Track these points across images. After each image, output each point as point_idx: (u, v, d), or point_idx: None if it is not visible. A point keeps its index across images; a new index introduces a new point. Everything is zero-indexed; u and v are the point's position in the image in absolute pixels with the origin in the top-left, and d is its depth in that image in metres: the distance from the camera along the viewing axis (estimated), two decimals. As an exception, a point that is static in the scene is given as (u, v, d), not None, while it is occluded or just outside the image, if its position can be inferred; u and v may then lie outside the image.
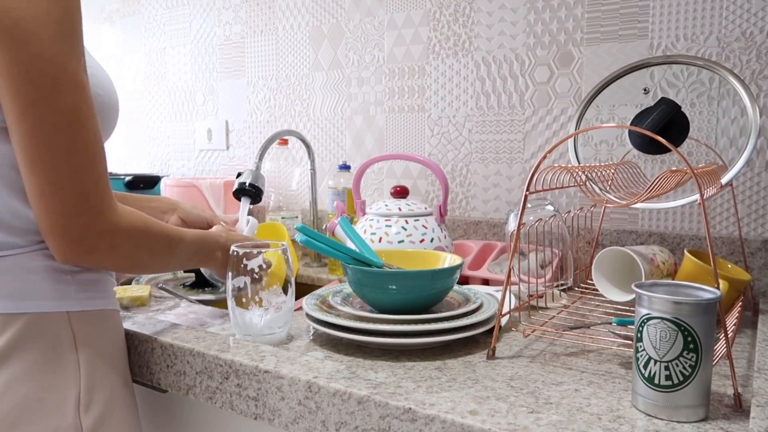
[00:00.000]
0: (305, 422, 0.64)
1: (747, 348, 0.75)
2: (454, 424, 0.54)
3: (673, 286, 0.59)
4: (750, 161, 1.01)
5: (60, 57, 0.57)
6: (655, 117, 0.91)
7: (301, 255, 1.47)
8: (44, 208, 0.60)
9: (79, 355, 0.65)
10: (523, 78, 1.23)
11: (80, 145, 0.60)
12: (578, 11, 1.15)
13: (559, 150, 1.19)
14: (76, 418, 0.63)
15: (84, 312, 0.67)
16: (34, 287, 0.64)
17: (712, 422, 0.54)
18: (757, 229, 1.02)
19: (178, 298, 1.00)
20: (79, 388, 0.64)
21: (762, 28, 0.99)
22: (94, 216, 0.62)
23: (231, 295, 0.77)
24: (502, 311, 0.71)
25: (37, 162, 0.58)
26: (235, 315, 0.77)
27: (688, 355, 0.54)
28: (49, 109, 0.57)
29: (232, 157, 1.73)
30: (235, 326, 0.78)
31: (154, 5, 1.87)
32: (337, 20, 1.48)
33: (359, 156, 1.48)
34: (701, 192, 0.62)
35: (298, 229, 0.76)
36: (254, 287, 0.76)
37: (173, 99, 1.86)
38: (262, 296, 0.76)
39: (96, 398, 0.65)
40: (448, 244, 1.05)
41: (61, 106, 0.58)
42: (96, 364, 0.67)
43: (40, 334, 0.63)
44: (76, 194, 0.60)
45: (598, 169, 0.79)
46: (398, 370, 0.67)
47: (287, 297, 0.77)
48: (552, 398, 0.59)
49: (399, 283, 0.73)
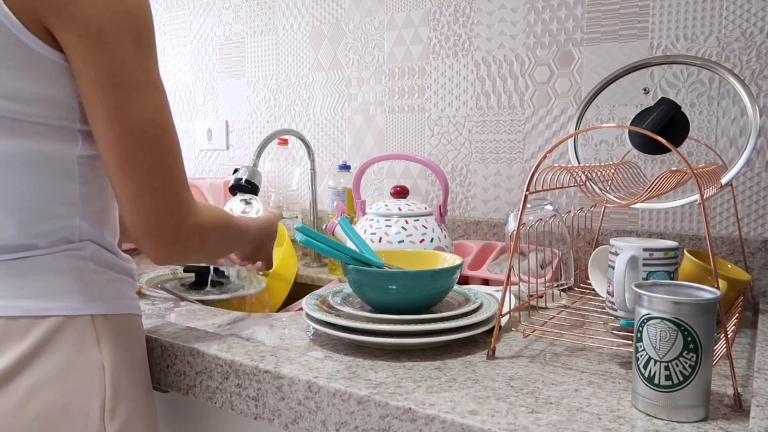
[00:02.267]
0: (305, 422, 0.64)
1: (747, 348, 0.75)
2: (454, 424, 0.54)
3: (673, 286, 0.59)
4: (750, 161, 1.01)
5: (141, 61, 0.59)
6: (655, 117, 0.91)
7: (301, 255, 1.47)
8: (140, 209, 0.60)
9: (104, 360, 0.64)
10: (523, 78, 1.23)
11: (166, 145, 0.61)
12: (578, 11, 1.15)
13: (559, 150, 1.19)
14: (101, 424, 0.62)
15: (108, 316, 0.66)
16: (59, 289, 0.63)
17: (712, 422, 0.54)
18: (757, 229, 1.02)
19: (178, 298, 1.00)
20: (104, 394, 0.63)
21: (762, 28, 0.99)
22: (185, 214, 0.63)
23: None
24: (502, 311, 0.71)
25: (130, 163, 0.59)
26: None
27: (688, 355, 0.54)
28: (136, 110, 0.59)
29: (232, 157, 1.73)
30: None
31: (154, 5, 1.87)
32: (337, 20, 1.48)
33: (359, 156, 1.48)
34: (701, 192, 0.62)
35: (298, 229, 0.76)
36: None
37: (173, 99, 1.86)
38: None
39: (121, 404, 0.64)
40: (448, 244, 1.05)
41: (146, 108, 0.60)
42: (121, 369, 0.65)
43: (65, 337, 0.61)
44: (169, 193, 0.62)
45: (598, 169, 0.79)
46: (398, 370, 0.67)
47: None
48: (552, 398, 0.59)
49: (399, 283, 0.73)
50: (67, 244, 0.64)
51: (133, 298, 0.71)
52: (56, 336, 0.61)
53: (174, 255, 0.64)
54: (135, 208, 0.61)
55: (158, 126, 0.61)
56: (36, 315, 0.60)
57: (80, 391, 0.61)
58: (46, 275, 0.62)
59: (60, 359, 0.61)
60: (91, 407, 0.61)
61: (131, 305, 0.70)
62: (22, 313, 0.60)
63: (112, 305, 0.66)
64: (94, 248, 0.66)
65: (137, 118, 0.59)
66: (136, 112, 0.59)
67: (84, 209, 0.65)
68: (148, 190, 0.60)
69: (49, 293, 0.62)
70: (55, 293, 0.62)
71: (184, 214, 0.63)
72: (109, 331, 0.65)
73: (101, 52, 0.57)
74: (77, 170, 0.64)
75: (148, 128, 0.60)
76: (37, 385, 0.59)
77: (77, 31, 0.56)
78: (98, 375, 0.63)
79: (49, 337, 0.61)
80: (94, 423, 0.61)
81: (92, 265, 0.66)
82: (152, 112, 0.60)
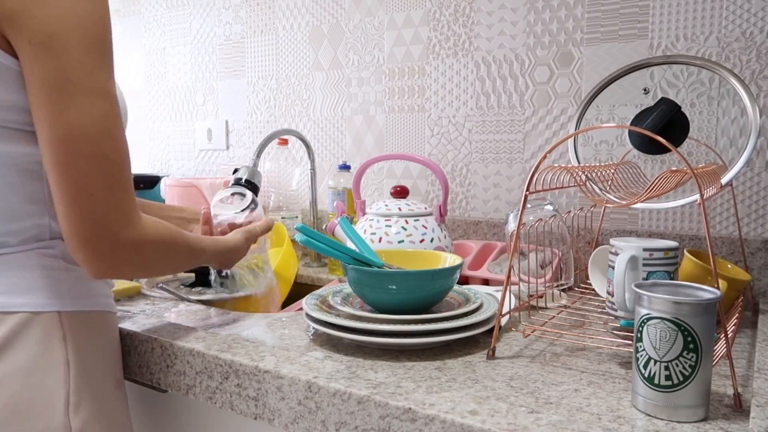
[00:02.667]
0: (305, 422, 0.64)
1: (747, 348, 0.75)
2: (454, 424, 0.54)
3: (673, 286, 0.59)
4: (750, 161, 1.01)
5: (90, 67, 0.59)
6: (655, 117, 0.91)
7: (301, 255, 1.47)
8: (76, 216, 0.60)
9: (69, 355, 0.65)
10: (523, 78, 1.23)
11: (110, 153, 0.61)
12: (578, 11, 1.15)
13: (559, 150, 1.19)
14: (65, 418, 0.64)
15: (76, 312, 0.67)
16: (27, 285, 0.64)
17: (712, 422, 0.54)
18: (757, 229, 1.02)
19: (178, 298, 1.00)
20: (68, 388, 0.65)
21: (762, 28, 0.99)
22: (124, 225, 0.62)
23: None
24: (502, 311, 0.71)
25: (69, 169, 0.59)
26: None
27: (688, 355, 0.54)
28: (80, 116, 0.59)
29: (232, 157, 1.73)
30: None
31: (154, 5, 1.87)
32: (337, 20, 1.48)
33: (359, 156, 1.48)
34: (701, 192, 0.62)
35: (298, 229, 0.76)
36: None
37: (173, 99, 1.86)
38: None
39: (85, 399, 0.66)
40: (448, 244, 1.05)
41: (92, 115, 0.59)
42: (86, 364, 0.67)
43: (30, 333, 0.63)
44: (107, 202, 0.61)
45: (598, 169, 0.79)
46: (398, 370, 0.67)
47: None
48: (552, 398, 0.59)
49: (399, 283, 0.73)
50: (37, 242, 0.66)
51: (104, 296, 0.72)
52: (22, 331, 0.63)
53: (109, 269, 0.63)
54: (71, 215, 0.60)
55: (101, 133, 0.60)
56: (3, 311, 0.62)
57: (45, 386, 0.63)
58: (15, 272, 0.64)
59: (26, 354, 0.63)
60: (56, 401, 0.63)
61: (102, 302, 0.71)
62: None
63: (80, 302, 0.68)
64: (64, 246, 0.67)
65: (79, 123, 0.59)
66: (78, 117, 0.59)
67: (53, 209, 0.66)
68: (85, 197, 0.59)
69: (16, 290, 0.64)
70: (23, 290, 0.64)
71: (121, 225, 0.61)
72: (76, 328, 0.67)
73: (50, 58, 0.57)
74: (43, 171, 0.65)
75: (89, 135, 0.59)
76: (4, 377, 0.61)
77: (28, 38, 0.57)
78: (62, 370, 0.64)
79: (16, 332, 0.62)
80: (59, 416, 0.63)
81: (63, 263, 0.67)
82: (96, 119, 0.59)
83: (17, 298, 0.63)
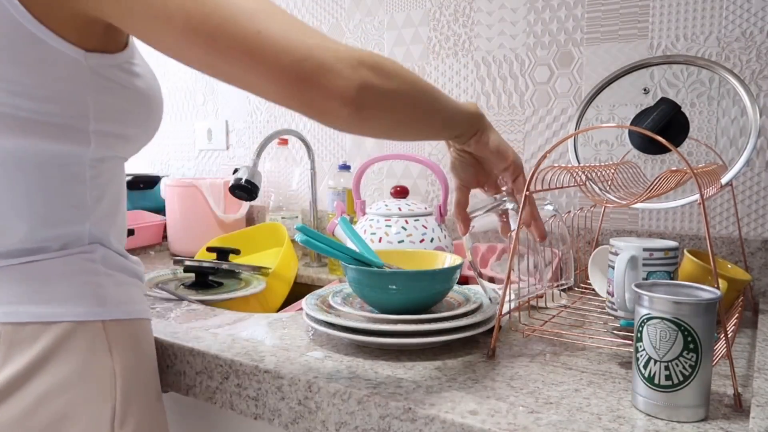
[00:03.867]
0: (305, 422, 0.64)
1: (747, 348, 0.75)
2: (454, 424, 0.54)
3: (673, 286, 0.59)
4: (750, 161, 1.01)
5: None
6: (655, 117, 0.91)
7: (301, 255, 1.47)
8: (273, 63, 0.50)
9: (115, 366, 0.62)
10: (523, 78, 1.23)
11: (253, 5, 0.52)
12: (578, 11, 1.15)
13: (559, 150, 1.19)
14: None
15: (119, 321, 0.64)
16: (69, 294, 0.61)
17: (712, 422, 0.54)
18: (757, 229, 1.02)
19: (178, 298, 1.00)
20: (114, 401, 0.61)
21: (762, 28, 0.99)
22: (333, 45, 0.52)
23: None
24: (502, 311, 0.71)
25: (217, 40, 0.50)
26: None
27: (688, 355, 0.54)
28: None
29: (232, 157, 1.73)
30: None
31: (154, 5, 1.87)
32: (337, 20, 1.48)
33: (359, 156, 1.48)
34: (701, 192, 0.62)
35: (298, 229, 0.76)
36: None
37: (173, 99, 1.86)
38: None
39: (131, 411, 0.62)
40: (448, 244, 1.05)
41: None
42: (131, 375, 0.63)
43: (74, 344, 0.60)
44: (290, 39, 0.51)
45: (598, 169, 0.79)
46: (398, 370, 0.67)
47: None
48: (552, 398, 0.59)
49: (399, 283, 0.73)
50: (76, 247, 0.63)
51: (142, 302, 0.69)
52: (66, 342, 0.59)
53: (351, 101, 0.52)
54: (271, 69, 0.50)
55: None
56: (45, 321, 0.59)
57: (90, 399, 0.59)
58: (55, 279, 0.61)
59: (70, 367, 0.59)
60: (102, 415, 0.60)
61: (141, 309, 0.68)
62: (31, 319, 0.58)
63: (122, 310, 0.64)
64: (104, 251, 0.65)
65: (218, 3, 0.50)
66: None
67: (93, 213, 0.64)
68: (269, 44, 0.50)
69: (58, 298, 0.60)
70: (65, 298, 0.60)
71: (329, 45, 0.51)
72: (120, 337, 0.63)
73: None
74: (88, 173, 0.62)
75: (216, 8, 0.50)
76: (45, 393, 0.57)
77: None
78: (109, 382, 0.61)
79: (59, 343, 0.59)
80: (105, 430, 0.60)
81: (102, 268, 0.64)
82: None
83: (59, 307, 0.60)
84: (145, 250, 1.53)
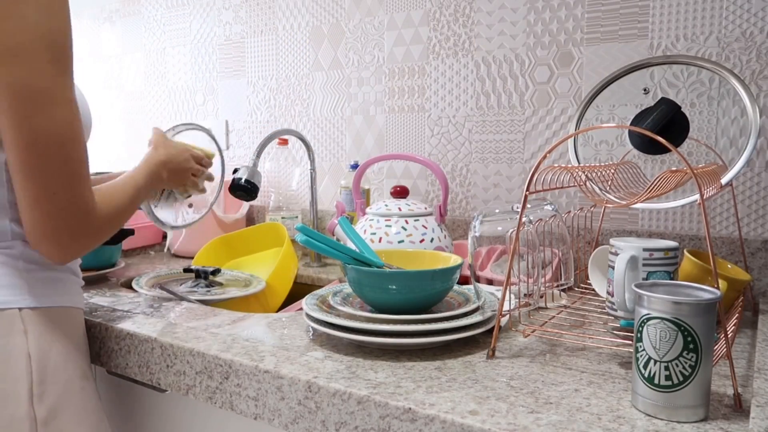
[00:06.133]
0: (305, 422, 0.64)
1: (747, 348, 0.75)
2: (454, 424, 0.54)
3: (673, 286, 0.59)
4: (750, 161, 1.01)
5: (54, 76, 0.64)
6: (655, 117, 0.91)
7: (301, 255, 1.47)
8: (39, 213, 0.65)
9: (30, 348, 0.69)
10: (523, 78, 1.23)
11: (73, 155, 0.66)
12: (578, 11, 1.15)
13: (559, 150, 1.19)
14: (29, 407, 0.68)
15: (38, 308, 0.71)
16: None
17: (712, 422, 0.54)
18: (757, 229, 1.02)
19: (178, 298, 1.00)
20: (31, 380, 0.68)
21: (762, 28, 0.99)
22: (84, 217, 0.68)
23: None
24: (502, 311, 0.71)
25: (34, 171, 0.64)
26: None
27: (688, 355, 0.54)
28: (46, 122, 0.63)
29: (232, 157, 1.73)
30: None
31: (154, 5, 1.87)
32: (337, 20, 1.48)
33: (359, 156, 1.48)
34: (701, 192, 0.62)
35: (298, 229, 0.76)
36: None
37: (173, 99, 1.86)
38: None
39: (49, 390, 0.70)
40: (448, 244, 1.05)
41: (56, 120, 0.64)
42: (48, 357, 0.71)
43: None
44: (69, 199, 0.66)
45: (598, 169, 0.79)
46: (398, 370, 0.67)
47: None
48: (552, 398, 0.59)
49: (399, 283, 0.73)
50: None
51: (69, 293, 0.76)
52: None
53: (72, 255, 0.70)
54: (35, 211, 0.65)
55: (65, 137, 0.65)
56: None
57: (8, 377, 0.67)
58: None
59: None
60: (20, 392, 0.67)
61: (65, 299, 0.75)
62: None
63: (41, 299, 0.72)
64: (23, 247, 0.72)
65: (45, 129, 0.63)
66: (45, 124, 0.63)
67: (13, 212, 0.71)
68: (48, 195, 0.65)
69: None
70: None
71: (81, 218, 0.68)
72: (37, 323, 0.71)
73: (17, 66, 0.61)
74: (5, 176, 0.70)
75: (55, 140, 0.64)
76: None
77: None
78: (24, 362, 0.68)
79: None
80: (24, 405, 0.67)
81: (22, 263, 0.71)
82: (61, 124, 0.64)
83: None
84: (145, 250, 1.53)
